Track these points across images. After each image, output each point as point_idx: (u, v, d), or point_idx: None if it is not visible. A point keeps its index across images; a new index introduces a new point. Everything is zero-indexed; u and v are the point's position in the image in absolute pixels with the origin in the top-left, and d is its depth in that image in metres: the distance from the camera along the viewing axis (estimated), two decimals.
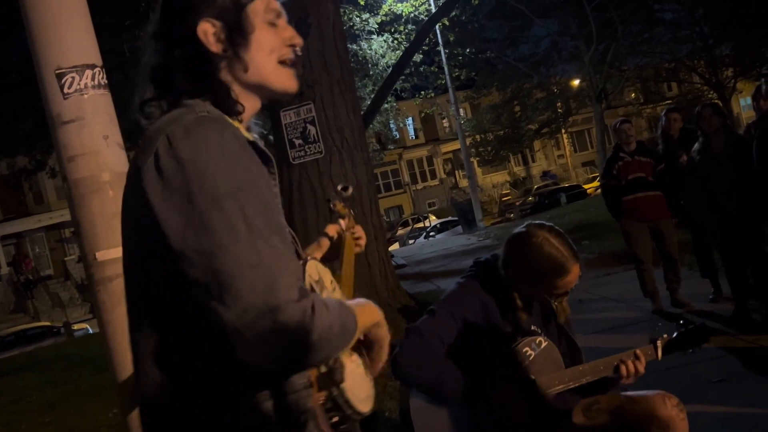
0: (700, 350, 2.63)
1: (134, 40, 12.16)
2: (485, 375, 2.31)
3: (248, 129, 1.50)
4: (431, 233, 32.91)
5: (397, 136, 45.17)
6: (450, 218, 34.58)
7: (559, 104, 38.11)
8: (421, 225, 36.83)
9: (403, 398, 2.37)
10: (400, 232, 37.46)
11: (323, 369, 1.32)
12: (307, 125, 7.59)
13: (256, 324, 1.16)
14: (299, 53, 1.51)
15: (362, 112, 9.81)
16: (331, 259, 1.97)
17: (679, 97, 39.40)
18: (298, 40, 1.50)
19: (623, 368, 2.45)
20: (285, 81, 1.48)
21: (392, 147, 36.18)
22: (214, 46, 1.41)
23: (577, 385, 2.45)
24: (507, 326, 2.42)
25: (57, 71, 2.86)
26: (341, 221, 2.09)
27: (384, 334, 1.52)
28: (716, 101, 21.64)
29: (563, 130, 43.32)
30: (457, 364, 2.32)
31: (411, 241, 32.17)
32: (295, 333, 1.19)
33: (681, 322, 2.68)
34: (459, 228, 28.03)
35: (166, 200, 1.24)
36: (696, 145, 5.89)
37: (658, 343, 2.53)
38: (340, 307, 1.30)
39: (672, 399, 2.41)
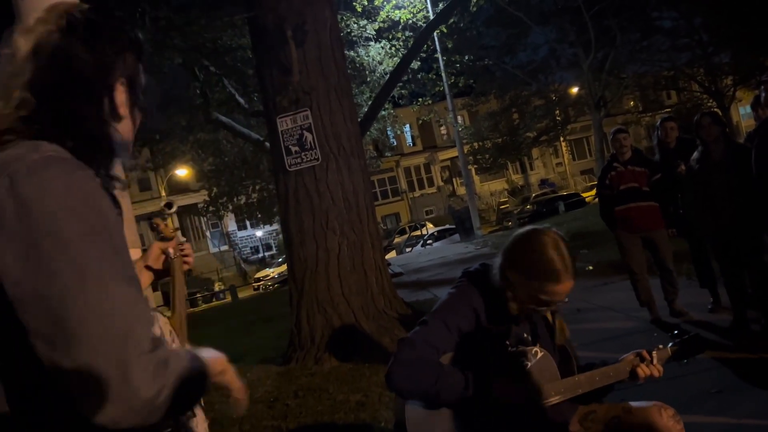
0: (696, 360, 2.64)
1: None
2: (482, 384, 2.31)
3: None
4: (428, 241, 32.89)
5: (395, 144, 45.21)
6: (447, 226, 34.57)
7: (557, 112, 38.18)
8: (418, 233, 36.81)
9: (398, 410, 2.37)
10: (397, 240, 37.45)
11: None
12: (304, 132, 7.60)
13: (104, 377, 1.08)
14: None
15: (359, 119, 9.82)
16: (162, 276, 1.96)
17: (678, 106, 39.51)
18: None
19: (639, 371, 2.43)
20: (130, 150, 1.46)
21: (389, 154, 36.14)
22: (122, 108, 1.39)
23: (572, 395, 2.45)
24: (501, 335, 2.42)
25: None
26: (169, 244, 2.00)
27: (232, 379, 1.48)
28: (715, 110, 21.72)
29: (562, 138, 43.40)
30: (452, 373, 2.32)
31: (408, 249, 32.18)
32: (148, 387, 1.11)
33: (675, 332, 2.69)
34: (456, 236, 28.04)
35: (6, 248, 1.12)
36: (695, 154, 5.91)
37: (654, 354, 2.53)
38: (192, 357, 1.26)
39: (668, 410, 2.41)
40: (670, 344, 2.58)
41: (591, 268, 6.50)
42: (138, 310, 1.16)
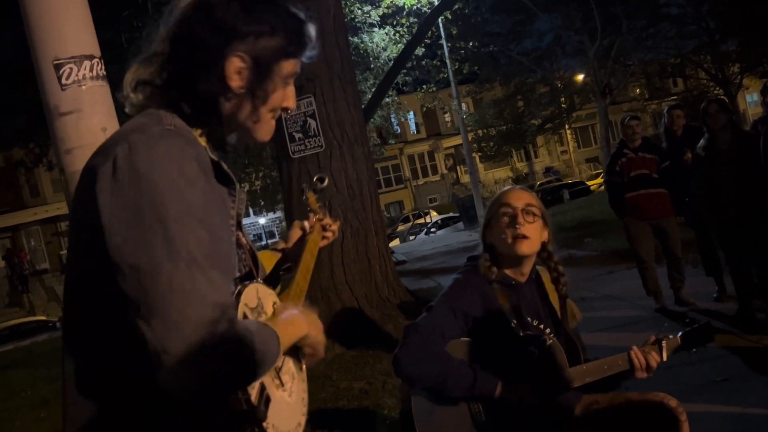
0: (704, 349, 2.62)
1: (132, 32, 12.15)
2: (487, 385, 2.31)
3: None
4: (432, 229, 32.92)
5: (398, 131, 45.12)
6: (451, 214, 34.57)
7: (562, 99, 38.06)
8: (421, 221, 36.86)
9: (404, 396, 2.37)
10: (401, 228, 37.52)
11: (244, 406, 1.29)
12: (308, 119, 7.58)
13: (177, 350, 1.14)
14: (288, 114, 1.55)
15: (363, 106, 9.80)
16: (297, 256, 1.92)
17: (685, 93, 39.34)
18: (293, 105, 1.53)
19: (635, 360, 2.42)
20: (267, 135, 1.51)
21: (393, 142, 36.13)
22: (234, 81, 1.41)
23: (581, 384, 2.45)
24: (509, 323, 2.42)
25: (55, 62, 2.86)
26: (310, 216, 2.03)
27: (312, 343, 1.51)
28: (722, 97, 21.64)
29: (567, 126, 43.26)
30: (459, 367, 2.32)
31: (412, 237, 32.22)
32: (215, 363, 1.18)
33: (687, 320, 2.68)
34: (460, 224, 28.04)
35: (114, 209, 1.22)
36: (701, 142, 5.88)
37: (663, 343, 2.50)
38: (263, 332, 1.28)
39: (672, 400, 2.41)
40: (680, 333, 2.57)
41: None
42: (217, 294, 1.20)
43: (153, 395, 1.22)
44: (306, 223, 2.01)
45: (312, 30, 1.52)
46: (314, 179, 2.08)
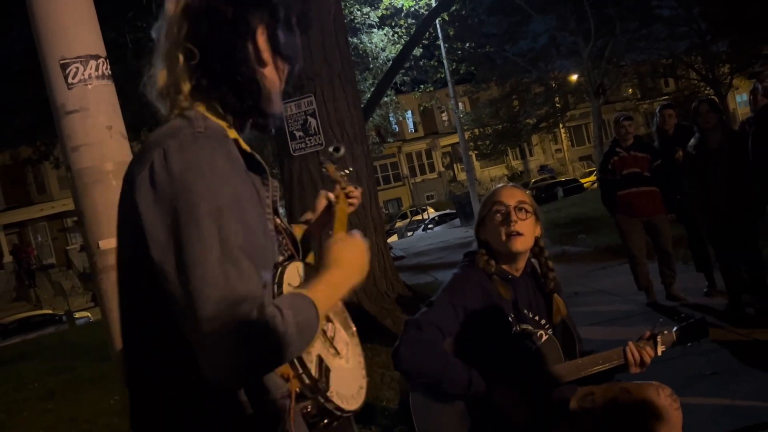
0: (699, 344, 2.61)
1: (137, 32, 12.13)
2: (487, 365, 2.31)
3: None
4: (429, 226, 32.89)
5: (397, 130, 45.12)
6: (448, 211, 34.56)
7: (557, 99, 38.00)
8: (419, 217, 36.82)
9: (403, 389, 2.37)
10: (399, 224, 37.48)
11: (307, 381, 1.33)
12: (308, 117, 7.57)
13: (213, 342, 1.20)
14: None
15: (362, 105, 9.79)
16: (325, 224, 1.94)
17: (676, 93, 39.30)
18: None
19: (629, 356, 2.43)
20: (280, 105, 1.55)
21: (391, 140, 36.13)
22: (265, 53, 1.47)
23: (576, 378, 2.45)
24: (507, 317, 2.42)
25: (61, 61, 2.85)
26: (336, 187, 2.04)
27: (360, 281, 1.55)
28: (713, 97, 21.63)
29: (561, 125, 43.23)
30: (458, 356, 2.33)
31: (409, 234, 32.20)
32: (250, 350, 1.22)
33: (682, 315, 2.68)
34: (457, 221, 28.04)
35: (154, 213, 1.28)
36: (692, 141, 5.89)
37: (659, 338, 2.50)
38: (297, 304, 1.31)
39: (665, 389, 2.41)
40: (675, 328, 2.56)
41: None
42: (250, 285, 1.24)
43: (204, 386, 1.27)
44: (331, 195, 2.04)
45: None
46: (330, 149, 2.08)
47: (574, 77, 36.16)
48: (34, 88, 11.06)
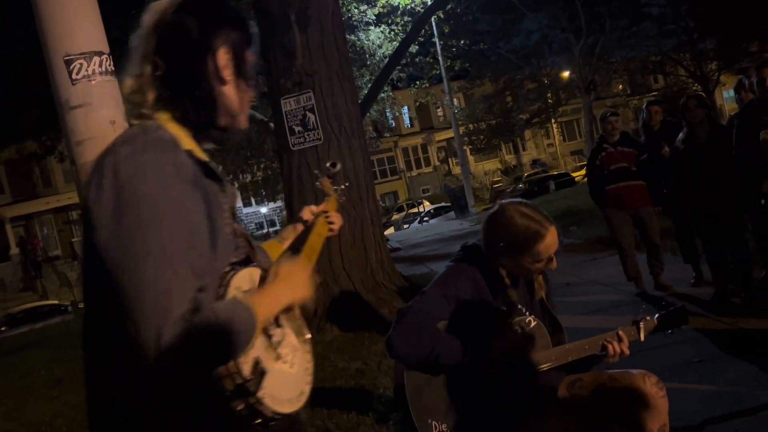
0: (680, 331, 2.66)
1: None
2: (479, 348, 2.31)
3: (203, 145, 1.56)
4: (425, 218, 32.92)
5: (393, 125, 45.01)
6: (443, 204, 34.57)
7: (549, 95, 38.05)
8: (415, 210, 36.84)
9: (398, 377, 2.38)
10: (395, 217, 37.50)
11: (238, 381, 1.33)
12: (307, 113, 7.56)
13: (150, 340, 1.22)
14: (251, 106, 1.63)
15: (360, 101, 9.77)
16: (304, 242, 1.92)
17: (665, 89, 39.41)
18: (254, 94, 1.62)
19: (609, 347, 2.46)
20: (248, 120, 1.60)
21: (388, 135, 36.03)
22: (226, 71, 1.50)
23: (562, 363, 2.47)
24: (497, 306, 2.43)
25: (66, 58, 2.84)
26: (325, 201, 2.04)
27: (303, 299, 1.55)
28: (700, 93, 21.64)
29: (553, 120, 43.25)
30: (449, 340, 2.32)
31: (405, 226, 32.22)
32: (186, 350, 1.24)
33: (663, 303, 2.71)
34: (452, 213, 28.08)
35: (102, 216, 1.31)
36: (680, 135, 5.89)
37: (641, 324, 2.56)
38: (235, 311, 1.32)
39: (652, 377, 2.42)
40: (657, 315, 2.61)
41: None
42: (186, 288, 1.26)
43: (144, 381, 1.30)
44: (310, 214, 2.04)
45: (254, 26, 1.61)
46: (327, 165, 2.09)
47: (566, 74, 36.18)
48: (39, 85, 11.03)
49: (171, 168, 1.34)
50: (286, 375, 1.49)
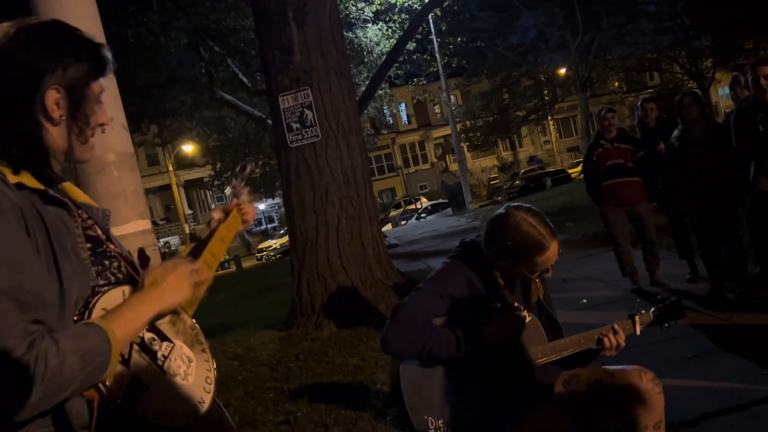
0: (676, 325, 2.67)
1: (138, 27, 12.07)
2: (473, 338, 2.31)
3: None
4: (422, 215, 32.94)
5: (391, 122, 45.08)
6: (440, 200, 34.61)
7: (545, 92, 38.00)
8: (412, 207, 36.88)
9: (394, 372, 2.38)
10: (393, 213, 37.53)
11: (111, 402, 1.32)
12: (305, 110, 7.55)
13: None
14: (104, 131, 1.56)
15: (357, 98, 9.76)
16: (204, 247, 1.90)
17: (661, 86, 39.37)
18: (107, 121, 1.55)
19: (605, 340, 2.47)
20: (90, 153, 1.54)
21: (386, 132, 36.11)
22: (55, 112, 1.43)
23: (558, 357, 2.47)
24: (492, 303, 2.43)
25: None
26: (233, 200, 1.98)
27: (178, 307, 1.51)
28: (696, 90, 21.62)
29: (549, 117, 43.29)
30: (443, 333, 2.32)
31: (403, 222, 32.23)
32: (16, 386, 1.21)
33: (659, 297, 2.72)
34: (449, 210, 28.06)
35: None
36: (675, 132, 5.89)
37: (636, 318, 2.57)
38: (83, 337, 1.28)
39: (648, 373, 2.43)
40: (652, 309, 2.62)
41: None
42: (10, 325, 1.22)
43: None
44: (220, 212, 1.93)
45: (107, 51, 1.54)
46: (237, 169, 2.04)
47: (563, 71, 36.16)
48: None
49: None
50: (177, 388, 1.47)
